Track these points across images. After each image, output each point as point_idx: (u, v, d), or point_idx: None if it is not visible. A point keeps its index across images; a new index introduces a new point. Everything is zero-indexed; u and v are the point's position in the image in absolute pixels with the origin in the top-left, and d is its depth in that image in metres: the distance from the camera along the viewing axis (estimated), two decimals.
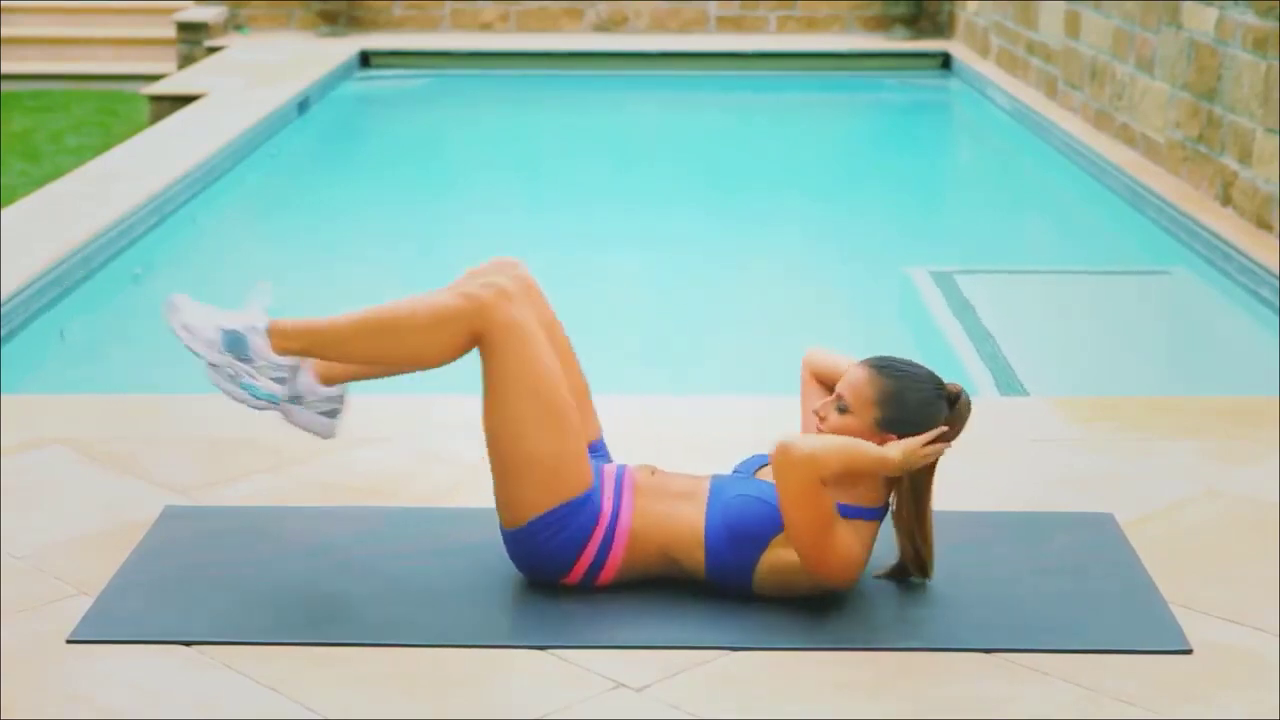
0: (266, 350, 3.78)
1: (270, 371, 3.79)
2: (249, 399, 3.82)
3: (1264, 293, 6.89)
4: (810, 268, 8.28)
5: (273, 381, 3.80)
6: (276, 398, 3.82)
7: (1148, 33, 9.12)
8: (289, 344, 3.79)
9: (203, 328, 3.79)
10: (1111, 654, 3.56)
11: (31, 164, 11.03)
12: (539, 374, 3.71)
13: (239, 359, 3.78)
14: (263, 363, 3.78)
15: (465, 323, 3.72)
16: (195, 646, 3.56)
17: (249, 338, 3.77)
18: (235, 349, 3.77)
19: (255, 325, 3.78)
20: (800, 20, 14.43)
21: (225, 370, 3.80)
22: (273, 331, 3.79)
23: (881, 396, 3.70)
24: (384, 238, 8.72)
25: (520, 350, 3.71)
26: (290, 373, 3.81)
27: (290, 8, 14.41)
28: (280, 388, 3.81)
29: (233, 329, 3.77)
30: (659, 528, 3.75)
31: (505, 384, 3.71)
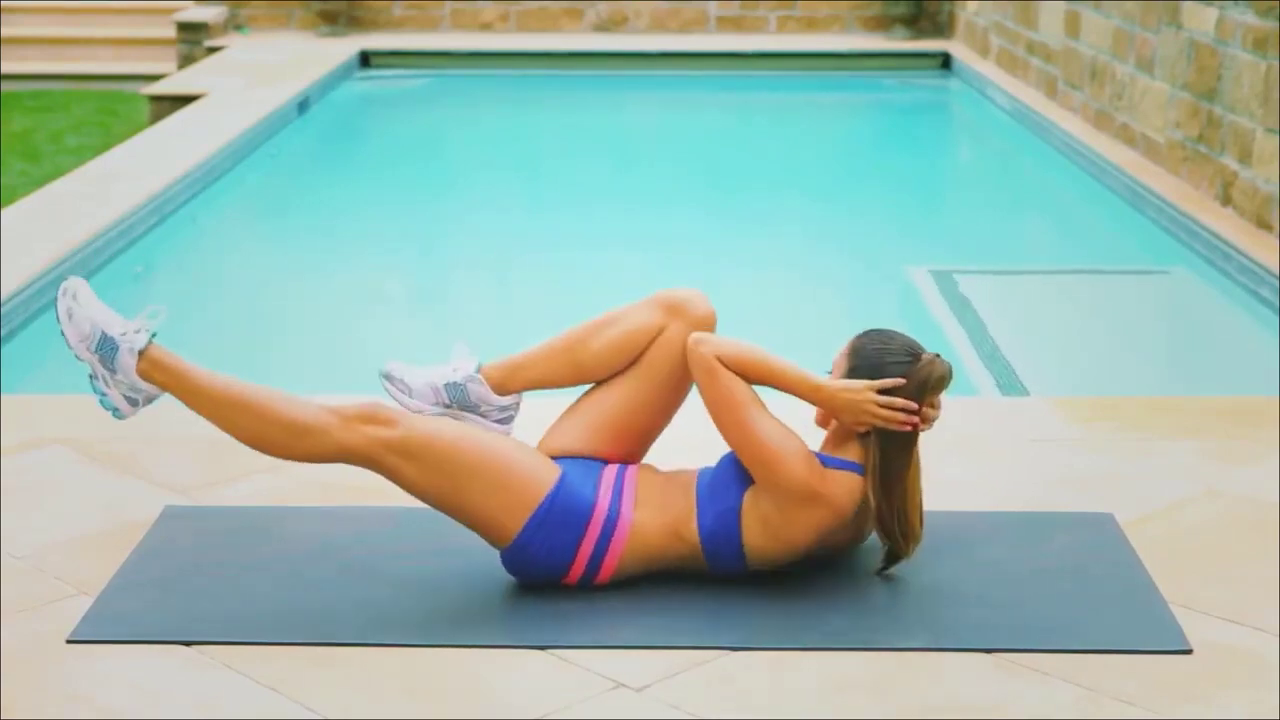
0: (131, 370, 3.81)
1: (126, 390, 3.83)
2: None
3: (1264, 293, 6.89)
4: (810, 267, 8.28)
5: (124, 399, 3.84)
6: (119, 414, 3.86)
7: (1148, 33, 9.12)
8: (153, 374, 3.82)
9: (84, 321, 3.82)
10: (1111, 654, 3.56)
11: (31, 164, 11.03)
12: (430, 451, 3.72)
13: (103, 364, 3.81)
14: (123, 379, 3.82)
15: (320, 441, 3.74)
16: (195, 646, 3.56)
17: (120, 351, 3.80)
18: (104, 353, 3.80)
19: (133, 344, 3.81)
20: (800, 20, 14.43)
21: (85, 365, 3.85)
22: (146, 356, 3.81)
23: (850, 349, 3.83)
24: (384, 238, 8.72)
25: (399, 457, 3.72)
26: (143, 400, 3.86)
27: (290, 8, 14.41)
28: (128, 407, 3.87)
29: (111, 336, 3.80)
30: (657, 512, 3.78)
31: (412, 483, 3.75)
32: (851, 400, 3.73)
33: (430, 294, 7.93)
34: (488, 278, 8.09)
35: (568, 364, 3.96)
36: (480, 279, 8.06)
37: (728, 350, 3.77)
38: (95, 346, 3.82)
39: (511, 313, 7.29)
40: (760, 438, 3.70)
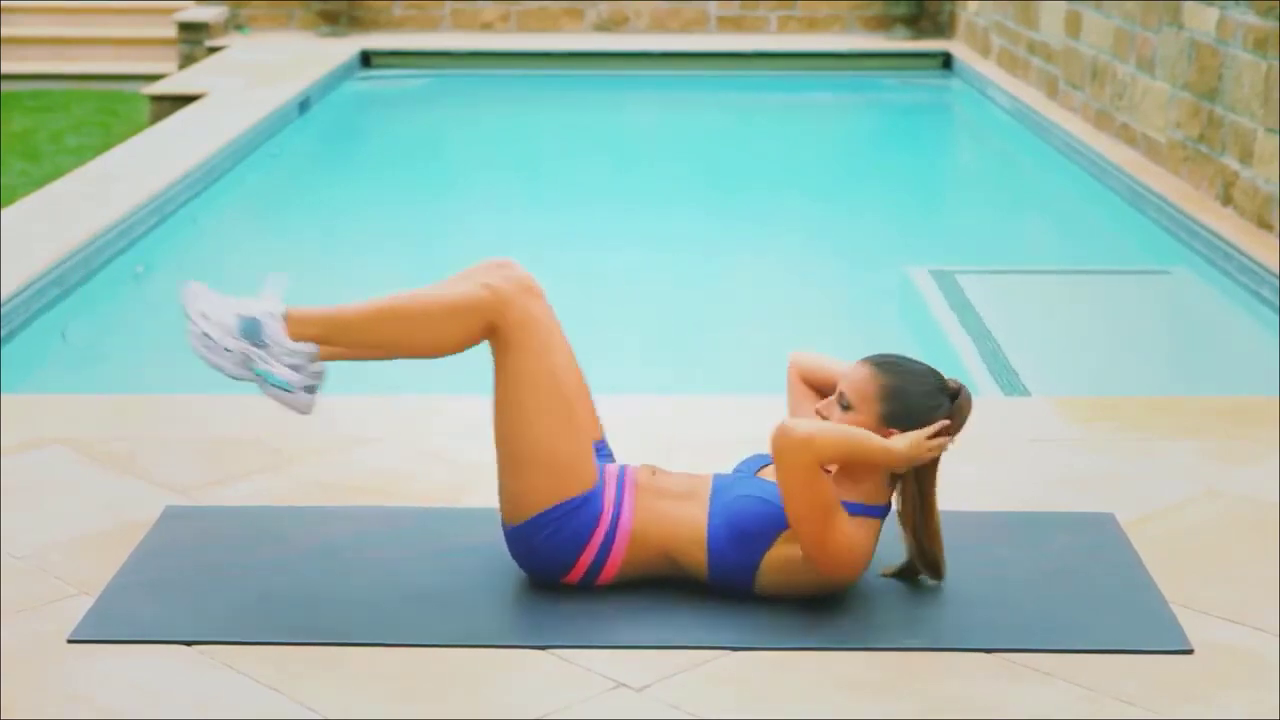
0: (282, 336, 3.74)
1: (285, 358, 3.77)
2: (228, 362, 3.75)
3: (1264, 292, 6.89)
4: (811, 267, 8.28)
5: (287, 368, 3.78)
6: (290, 386, 3.78)
7: (1148, 33, 9.12)
8: (305, 330, 3.75)
9: (220, 314, 3.77)
10: (1112, 654, 3.56)
11: (32, 164, 11.03)
12: (552, 371, 3.73)
13: (254, 345, 3.76)
14: (278, 348, 3.76)
15: (483, 313, 3.73)
16: (196, 646, 3.56)
17: (265, 323, 3.74)
18: (251, 334, 3.74)
19: (272, 311, 3.75)
20: (801, 20, 14.43)
21: (239, 356, 3.76)
22: (290, 317, 3.76)
23: (883, 392, 3.70)
24: (385, 237, 8.72)
25: (535, 346, 3.72)
26: (305, 359, 3.77)
27: (291, 8, 14.41)
28: (293, 375, 3.77)
29: (250, 315, 3.76)
30: (660, 527, 3.75)
31: (519, 378, 3.72)
32: (917, 456, 3.69)
33: None
34: None
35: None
36: None
37: (828, 455, 3.62)
38: (240, 331, 3.74)
39: None
40: (839, 541, 3.64)
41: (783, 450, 3.60)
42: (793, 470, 3.60)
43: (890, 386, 3.71)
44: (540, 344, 3.73)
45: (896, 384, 3.71)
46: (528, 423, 3.71)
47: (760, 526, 3.69)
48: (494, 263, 3.95)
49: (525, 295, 3.76)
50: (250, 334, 3.74)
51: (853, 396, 3.72)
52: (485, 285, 3.75)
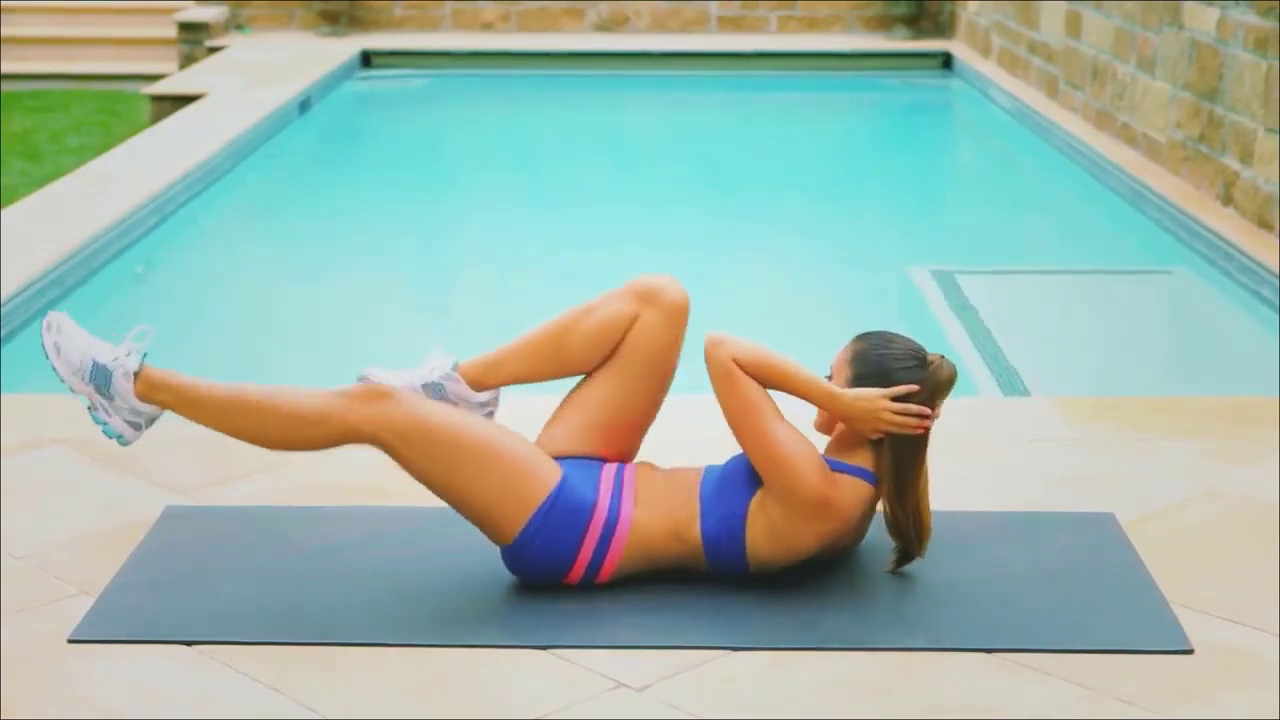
0: (129, 393, 3.78)
1: (127, 414, 3.80)
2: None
3: (1265, 292, 6.89)
4: (811, 267, 8.28)
5: (126, 424, 3.80)
6: (124, 440, 3.82)
7: (1149, 33, 9.12)
8: (153, 394, 3.79)
9: (73, 353, 3.79)
10: (1113, 654, 3.56)
11: (32, 164, 11.03)
12: (439, 436, 3.70)
13: (99, 393, 3.78)
14: (122, 404, 3.79)
15: (330, 429, 3.73)
16: (196, 646, 3.56)
17: (115, 376, 3.78)
18: (99, 382, 3.78)
19: (126, 367, 3.78)
20: (801, 20, 14.43)
21: (82, 397, 3.81)
22: (142, 378, 3.79)
23: (853, 356, 3.81)
24: (385, 238, 8.71)
25: (410, 437, 3.70)
26: (145, 421, 3.82)
27: (291, 8, 14.41)
28: (131, 432, 3.82)
29: (102, 363, 3.78)
30: (658, 512, 3.77)
31: (419, 467, 3.73)
32: (867, 409, 3.72)
33: (431, 294, 7.93)
34: (488, 278, 8.09)
35: (546, 358, 3.95)
36: (481, 279, 8.06)
37: (745, 353, 3.75)
38: (89, 377, 3.78)
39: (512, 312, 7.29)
40: (777, 445, 3.69)
41: (706, 354, 3.76)
42: (712, 371, 3.75)
43: (858, 349, 3.80)
44: (412, 431, 3.70)
45: (863, 346, 3.80)
46: (455, 488, 3.73)
47: (742, 475, 3.77)
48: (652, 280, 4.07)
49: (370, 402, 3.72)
50: (98, 381, 3.78)
51: (833, 366, 3.84)
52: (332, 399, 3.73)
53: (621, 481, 3.82)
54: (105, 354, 3.80)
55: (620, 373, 3.93)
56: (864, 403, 3.72)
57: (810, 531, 3.71)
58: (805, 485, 3.67)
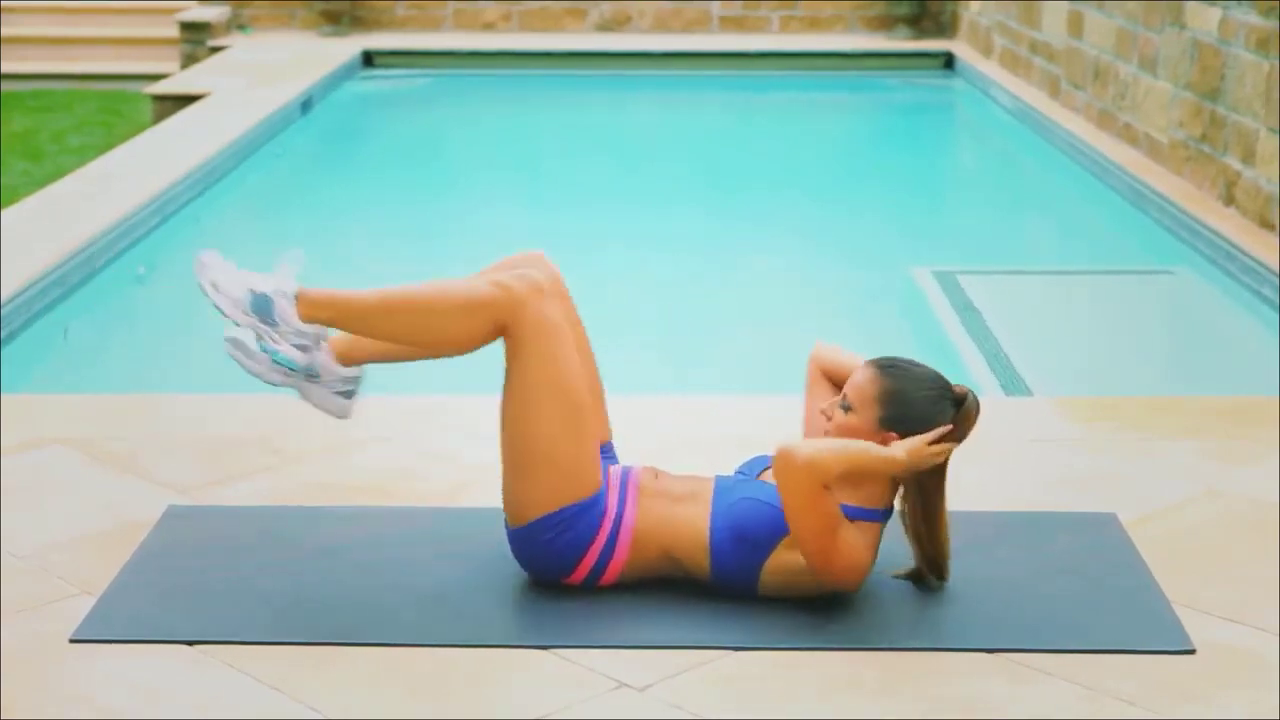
0: (292, 316, 3.72)
1: (293, 338, 3.74)
2: (265, 368, 3.74)
3: (1266, 292, 6.89)
4: (813, 267, 8.27)
5: (294, 348, 3.75)
6: (295, 365, 3.73)
7: (1151, 32, 9.12)
8: (316, 312, 3.73)
9: (231, 287, 3.74)
10: (1114, 654, 3.55)
11: (33, 164, 11.03)
12: (563, 373, 3.71)
13: (263, 321, 3.73)
14: (287, 328, 3.73)
15: (495, 312, 3.70)
16: (197, 646, 3.56)
17: (276, 301, 3.72)
18: (261, 311, 3.72)
19: (284, 290, 3.73)
20: (803, 20, 14.42)
21: (247, 332, 3.74)
22: (301, 298, 3.73)
23: (883, 395, 3.70)
24: (386, 237, 8.71)
25: (547, 347, 3.70)
26: (313, 341, 3.75)
27: (293, 7, 14.41)
28: (300, 355, 3.74)
29: (262, 291, 3.73)
30: (663, 529, 3.75)
31: (529, 379, 3.70)
32: (918, 460, 3.67)
33: None
34: None
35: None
36: None
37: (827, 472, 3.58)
38: (251, 307, 3.72)
39: None
40: (844, 554, 3.63)
41: (785, 473, 3.59)
42: (797, 494, 3.59)
43: (891, 390, 3.70)
44: (551, 347, 3.70)
45: (897, 388, 3.70)
46: (534, 426, 3.70)
47: (763, 531, 3.68)
48: (519, 257, 3.92)
49: (539, 296, 3.73)
50: (261, 310, 3.71)
51: (854, 398, 3.71)
52: (499, 284, 3.72)
53: (626, 488, 3.80)
54: (263, 283, 3.73)
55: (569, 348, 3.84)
56: (916, 455, 3.67)
57: (826, 586, 3.72)
58: (847, 582, 3.68)
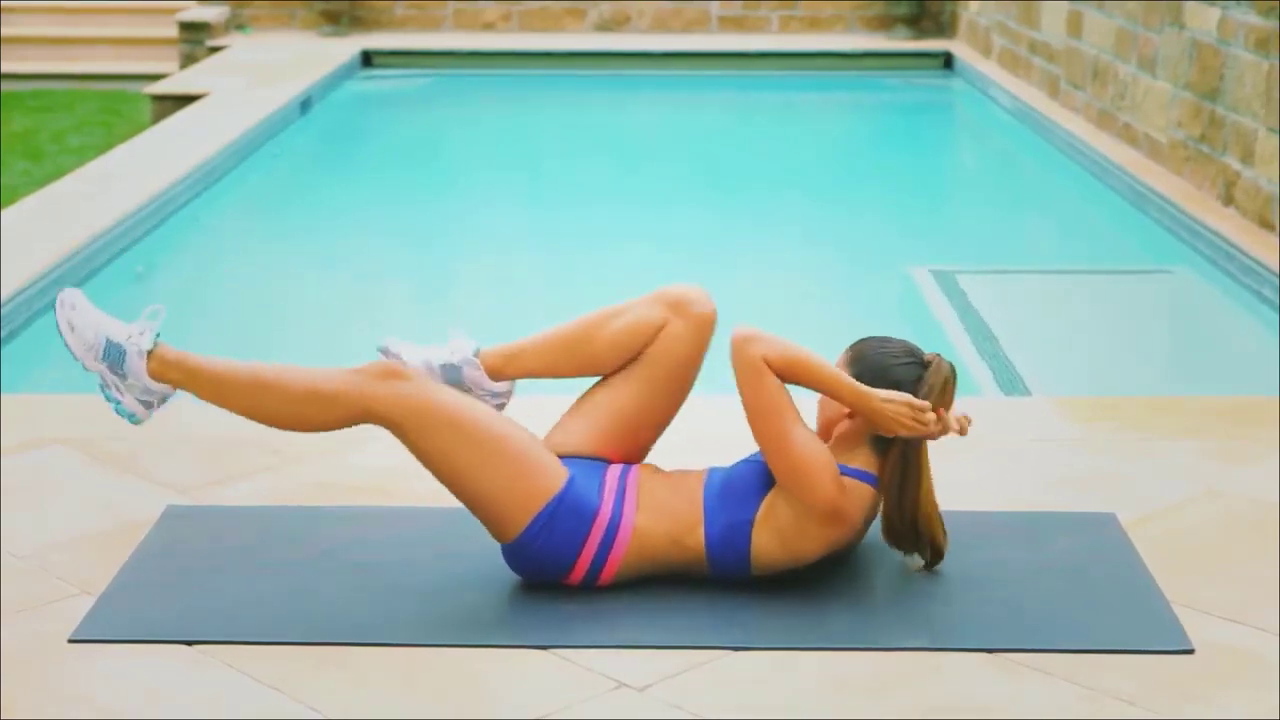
0: (142, 371, 3.77)
1: (139, 393, 3.79)
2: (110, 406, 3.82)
3: (1266, 292, 6.89)
4: (812, 267, 8.28)
5: (138, 402, 3.80)
6: (136, 419, 3.81)
7: (1150, 32, 9.12)
8: (167, 371, 3.78)
9: (87, 331, 3.78)
10: (1114, 654, 3.56)
11: (33, 163, 11.03)
12: (452, 426, 3.70)
13: (113, 371, 3.78)
14: (135, 382, 3.78)
15: (345, 403, 3.72)
16: (197, 646, 3.56)
17: (129, 353, 3.77)
18: (112, 360, 3.77)
19: (139, 344, 3.77)
20: (802, 20, 14.43)
21: (95, 377, 3.82)
22: (155, 356, 3.78)
23: (850, 356, 3.83)
24: (386, 237, 8.71)
25: (422, 419, 3.70)
26: (157, 400, 3.81)
27: (292, 7, 14.41)
28: (143, 410, 3.81)
29: (117, 341, 3.77)
30: (660, 517, 3.76)
31: (427, 452, 3.73)
32: (897, 411, 3.71)
33: (432, 293, 7.93)
34: (490, 277, 8.09)
35: (567, 356, 3.93)
36: (482, 278, 8.06)
37: (774, 352, 3.70)
38: (102, 355, 3.78)
39: (513, 312, 7.29)
40: (798, 449, 3.67)
41: (733, 349, 3.71)
42: (740, 368, 3.70)
43: (855, 351, 3.83)
44: (425, 415, 3.70)
45: (861, 347, 3.84)
46: (463, 477, 3.73)
47: (750, 482, 3.76)
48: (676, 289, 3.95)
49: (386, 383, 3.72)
50: (111, 359, 3.77)
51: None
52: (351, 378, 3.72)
53: (625, 484, 3.81)
54: (119, 332, 3.78)
55: (639, 379, 3.91)
56: (892, 405, 3.71)
57: (818, 537, 3.72)
58: (821, 491, 3.67)
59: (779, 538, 3.72)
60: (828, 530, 3.71)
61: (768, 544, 3.73)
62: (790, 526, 3.70)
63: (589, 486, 3.77)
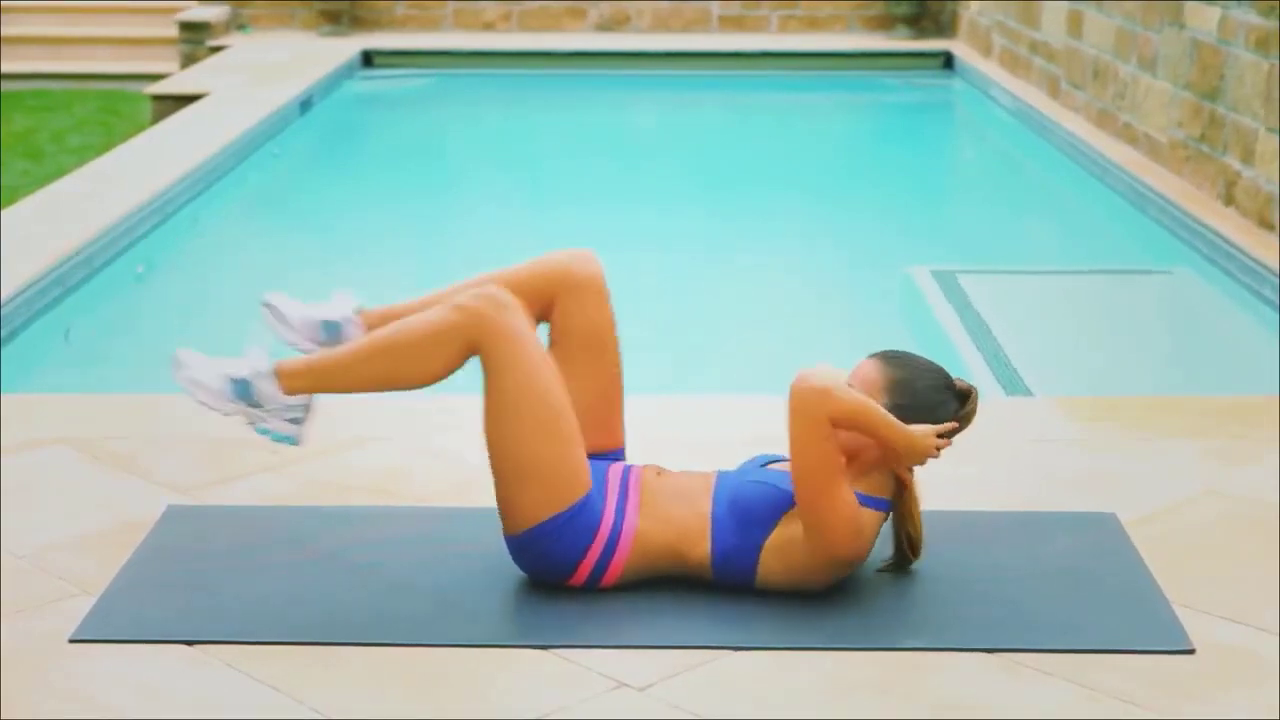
0: (276, 393, 3.80)
1: (284, 414, 3.81)
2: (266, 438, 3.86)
3: (1266, 292, 6.89)
4: (812, 267, 8.28)
5: (287, 423, 3.82)
6: (294, 440, 3.83)
7: (1150, 32, 9.12)
8: (296, 383, 3.81)
9: (209, 380, 3.82)
10: (1114, 654, 3.56)
11: (34, 163, 11.03)
12: (536, 382, 3.70)
13: (249, 405, 3.80)
14: (274, 405, 3.80)
15: (461, 334, 3.72)
16: (197, 646, 3.56)
17: (255, 383, 3.80)
18: (244, 396, 3.80)
19: (260, 370, 3.81)
20: (802, 20, 14.42)
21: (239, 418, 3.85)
22: (280, 373, 3.81)
23: (891, 384, 3.70)
24: (386, 237, 8.72)
25: (516, 358, 3.69)
26: (303, 411, 3.83)
27: (292, 7, 14.41)
28: (296, 429, 3.84)
29: (240, 377, 3.80)
30: (665, 525, 3.75)
31: (503, 392, 3.70)
32: (927, 447, 3.68)
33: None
34: None
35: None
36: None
37: (841, 410, 3.57)
38: (232, 395, 3.82)
39: None
40: (835, 509, 3.61)
41: (797, 398, 3.57)
42: (803, 422, 3.57)
43: (898, 379, 3.70)
44: (522, 356, 3.70)
45: (904, 376, 3.71)
46: (514, 437, 3.71)
47: (763, 508, 3.69)
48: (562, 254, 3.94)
49: (501, 310, 3.72)
50: (243, 395, 3.79)
51: (861, 388, 3.70)
52: (459, 307, 3.73)
53: (627, 487, 3.80)
54: (238, 368, 3.82)
55: (565, 362, 3.88)
56: (925, 441, 3.67)
57: (827, 572, 3.71)
58: (844, 549, 3.66)
59: (786, 566, 3.70)
60: (838, 570, 3.73)
61: (774, 570, 3.71)
62: (800, 562, 3.69)
63: (598, 494, 3.76)
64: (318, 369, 3.80)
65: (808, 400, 3.57)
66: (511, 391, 3.69)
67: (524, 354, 3.70)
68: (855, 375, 3.74)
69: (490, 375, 3.72)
